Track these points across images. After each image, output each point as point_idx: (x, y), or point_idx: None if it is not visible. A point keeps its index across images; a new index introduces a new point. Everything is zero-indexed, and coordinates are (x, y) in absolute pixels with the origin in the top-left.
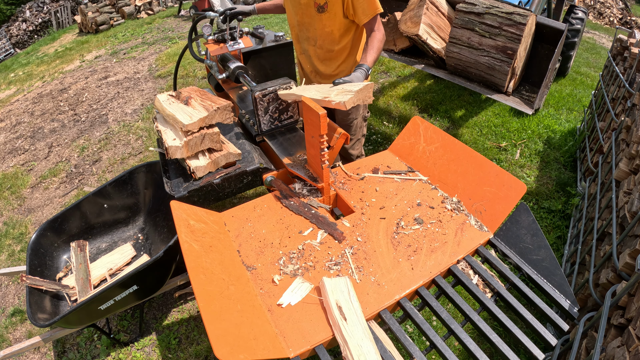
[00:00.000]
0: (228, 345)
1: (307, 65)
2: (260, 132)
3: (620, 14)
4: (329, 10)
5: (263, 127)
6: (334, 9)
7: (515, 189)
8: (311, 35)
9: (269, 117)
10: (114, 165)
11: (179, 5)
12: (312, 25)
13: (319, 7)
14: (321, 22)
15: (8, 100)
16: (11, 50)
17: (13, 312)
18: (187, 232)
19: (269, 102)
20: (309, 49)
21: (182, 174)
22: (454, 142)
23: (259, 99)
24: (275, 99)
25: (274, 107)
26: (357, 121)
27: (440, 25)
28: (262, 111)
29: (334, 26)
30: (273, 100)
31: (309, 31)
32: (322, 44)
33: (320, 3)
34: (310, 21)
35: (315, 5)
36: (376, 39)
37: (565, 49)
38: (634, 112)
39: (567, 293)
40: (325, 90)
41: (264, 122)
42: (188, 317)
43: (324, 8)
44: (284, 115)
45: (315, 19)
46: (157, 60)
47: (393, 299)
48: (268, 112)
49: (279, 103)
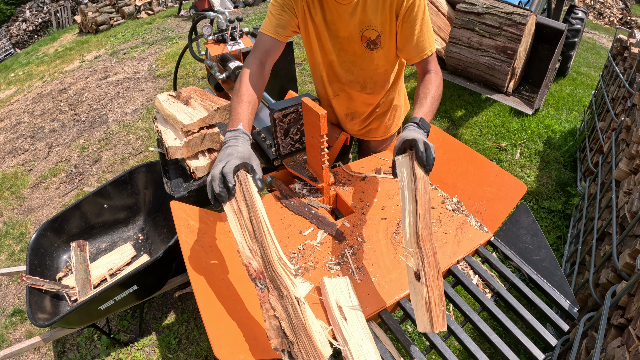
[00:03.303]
0: (228, 345)
1: (343, 109)
2: (279, 156)
3: (620, 14)
4: (383, 46)
5: (282, 151)
6: (387, 44)
7: (515, 189)
8: (358, 78)
9: (289, 140)
10: (114, 165)
11: (179, 5)
12: (357, 65)
13: (369, 43)
14: (373, 62)
15: (8, 100)
16: (11, 50)
17: (13, 312)
18: (187, 232)
19: (289, 122)
20: (353, 94)
21: (182, 174)
22: (454, 142)
23: (278, 119)
24: (297, 120)
25: (295, 129)
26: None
27: (440, 25)
28: (281, 134)
29: (388, 65)
30: (295, 121)
31: (352, 73)
32: (374, 88)
33: (371, 37)
34: (354, 60)
35: (363, 40)
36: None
37: (565, 49)
38: (634, 112)
39: (567, 293)
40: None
41: (283, 146)
42: (188, 317)
43: (377, 44)
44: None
45: (363, 57)
46: (157, 60)
47: (393, 299)
48: (289, 134)
49: (300, 124)
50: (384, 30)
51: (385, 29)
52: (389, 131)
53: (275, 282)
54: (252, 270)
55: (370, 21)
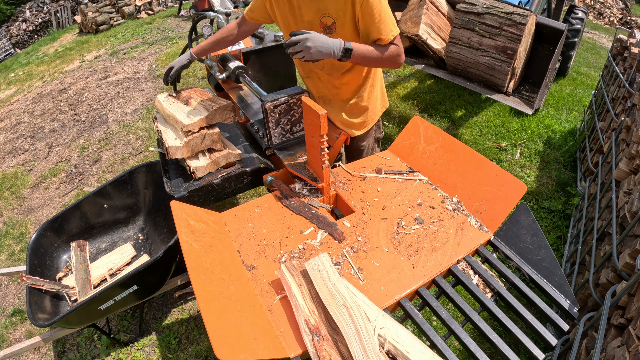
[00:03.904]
0: (228, 345)
1: (314, 90)
2: (270, 145)
3: (620, 14)
4: (338, 33)
5: (274, 140)
6: (341, 31)
7: (515, 189)
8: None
9: (280, 130)
10: (114, 165)
11: (179, 5)
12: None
13: (326, 28)
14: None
15: (8, 100)
16: (11, 50)
17: (13, 312)
18: (187, 232)
19: (280, 113)
20: (319, 74)
21: (182, 174)
22: (454, 142)
23: (270, 110)
24: (288, 111)
25: (286, 120)
26: (368, 144)
27: (440, 25)
28: (273, 123)
29: None
30: (285, 111)
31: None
32: (332, 70)
33: (327, 23)
34: None
35: (322, 26)
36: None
37: (565, 49)
38: (634, 112)
39: (567, 293)
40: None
41: (275, 135)
42: (188, 317)
43: (332, 30)
44: (296, 127)
45: None
46: (157, 60)
47: (393, 299)
48: (279, 124)
49: (291, 115)
50: (338, 17)
51: (339, 16)
52: (363, 126)
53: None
54: (310, 325)
55: (327, 9)
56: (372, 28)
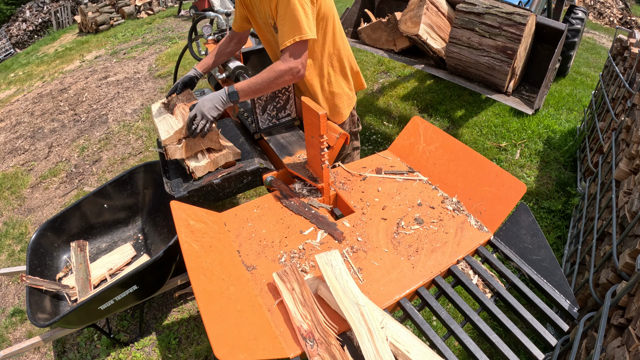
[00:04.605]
0: (228, 345)
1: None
2: (258, 129)
3: (620, 14)
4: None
5: (261, 125)
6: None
7: (515, 189)
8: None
9: (267, 116)
10: (114, 165)
11: (179, 5)
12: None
13: (274, 27)
14: (276, 43)
15: (8, 100)
16: (11, 50)
17: (13, 312)
18: (187, 232)
19: (266, 100)
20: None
21: (182, 174)
22: (454, 142)
23: (256, 98)
24: (273, 98)
25: (272, 106)
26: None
27: (440, 25)
28: (259, 109)
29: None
30: (271, 99)
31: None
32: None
33: (272, 23)
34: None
35: (271, 25)
36: (271, 68)
37: (565, 49)
38: (634, 112)
39: (567, 293)
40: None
41: (262, 120)
42: (188, 317)
43: (276, 29)
44: (281, 114)
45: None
46: (157, 60)
47: (393, 299)
48: (266, 110)
49: (276, 102)
50: (273, 18)
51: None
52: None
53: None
54: (302, 331)
55: (267, 11)
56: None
